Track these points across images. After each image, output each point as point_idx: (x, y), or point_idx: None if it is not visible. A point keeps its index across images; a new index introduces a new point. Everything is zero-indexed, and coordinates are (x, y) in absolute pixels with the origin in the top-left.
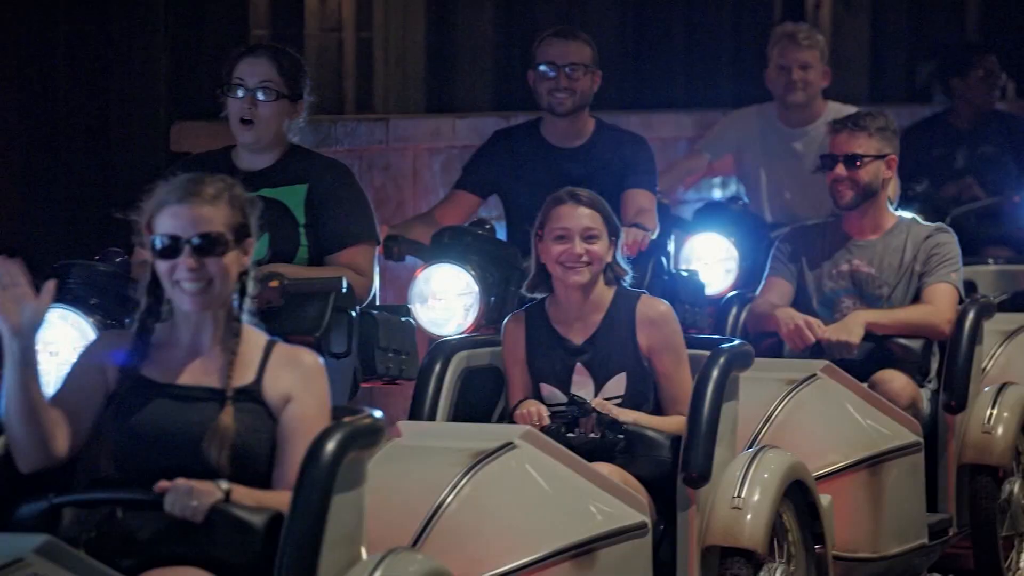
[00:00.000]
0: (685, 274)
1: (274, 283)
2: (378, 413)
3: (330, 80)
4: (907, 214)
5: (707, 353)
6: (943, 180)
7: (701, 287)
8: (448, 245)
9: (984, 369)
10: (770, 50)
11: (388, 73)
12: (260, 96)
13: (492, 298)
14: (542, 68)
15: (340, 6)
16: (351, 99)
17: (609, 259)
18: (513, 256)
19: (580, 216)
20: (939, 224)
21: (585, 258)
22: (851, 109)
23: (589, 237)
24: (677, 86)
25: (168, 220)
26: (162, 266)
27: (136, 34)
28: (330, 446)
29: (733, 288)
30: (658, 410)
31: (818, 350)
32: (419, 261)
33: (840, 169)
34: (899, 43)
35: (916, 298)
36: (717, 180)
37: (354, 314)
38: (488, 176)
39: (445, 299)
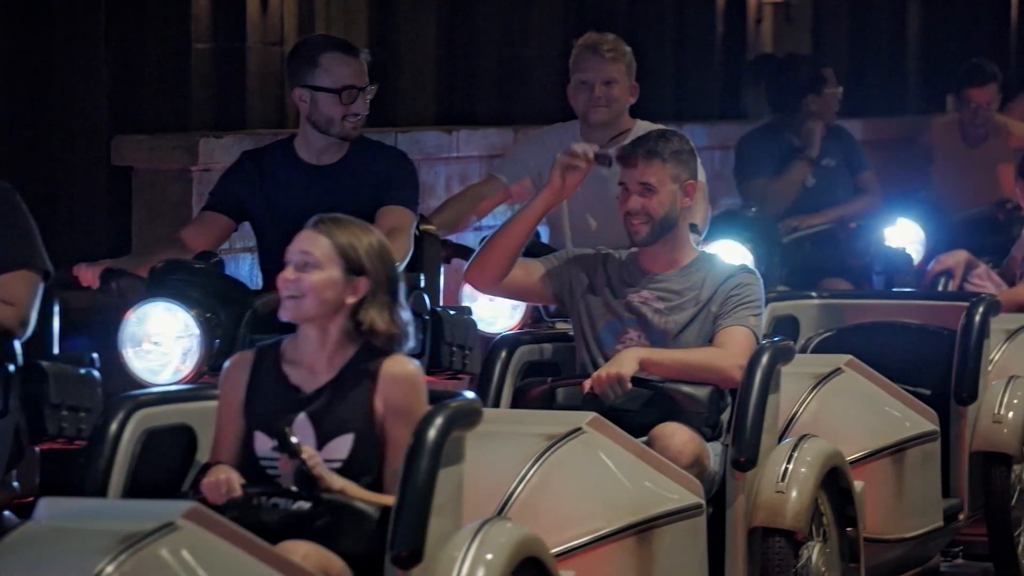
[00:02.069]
0: (452, 312)
1: None
2: None
3: (272, 94)
4: (711, 249)
5: None
6: (797, 199)
7: (471, 326)
8: (165, 281)
9: (791, 419)
10: (571, 63)
11: None
12: None
13: (217, 341)
14: (350, 94)
15: (282, 20)
16: (292, 112)
17: (348, 300)
18: (243, 294)
19: (304, 240)
20: (743, 264)
21: (292, 289)
22: (662, 127)
23: (305, 265)
24: None
25: None
26: None
27: (77, 47)
28: None
29: (522, 326)
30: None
31: (592, 396)
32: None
33: (635, 201)
34: (840, 57)
35: (711, 343)
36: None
37: (12, 368)
38: (239, 197)
39: (162, 343)
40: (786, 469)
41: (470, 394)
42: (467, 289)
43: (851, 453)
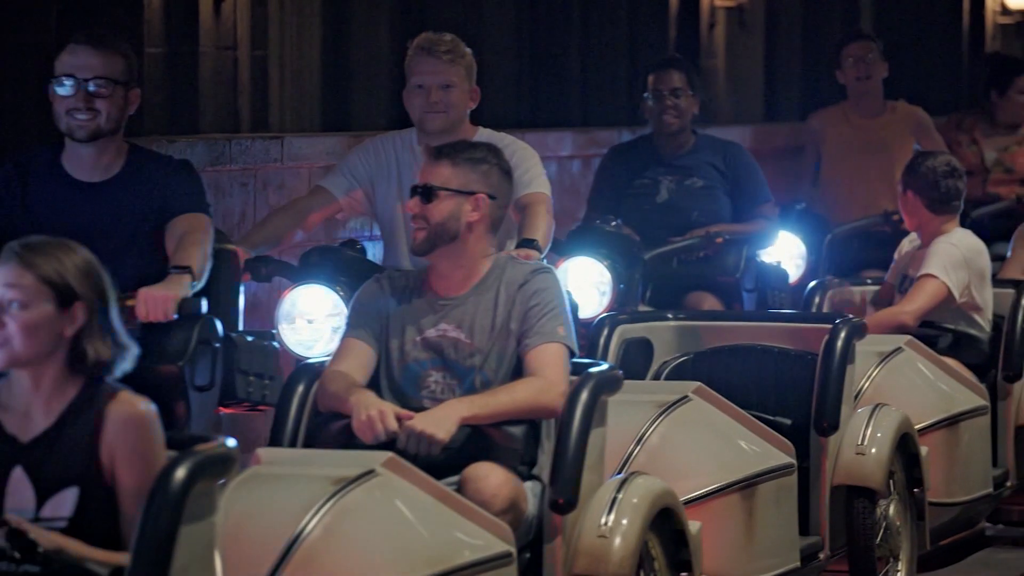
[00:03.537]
0: (250, 338)
1: None
2: None
3: (225, 98)
4: (566, 267)
5: None
6: (646, 214)
7: (271, 352)
8: None
9: (630, 454)
10: (406, 65)
11: (283, 91)
12: None
13: None
14: (63, 83)
15: (235, 24)
16: (246, 117)
17: (66, 332)
18: None
19: (2, 277)
20: (537, 264)
21: None
22: (506, 137)
23: (9, 306)
24: (572, 104)
25: None
26: None
27: (29, 51)
28: None
29: None
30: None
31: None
32: None
33: (414, 203)
34: (793, 63)
35: (518, 365)
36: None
37: None
38: None
39: None
40: (610, 511)
41: (231, 441)
42: (285, 308)
43: (694, 489)
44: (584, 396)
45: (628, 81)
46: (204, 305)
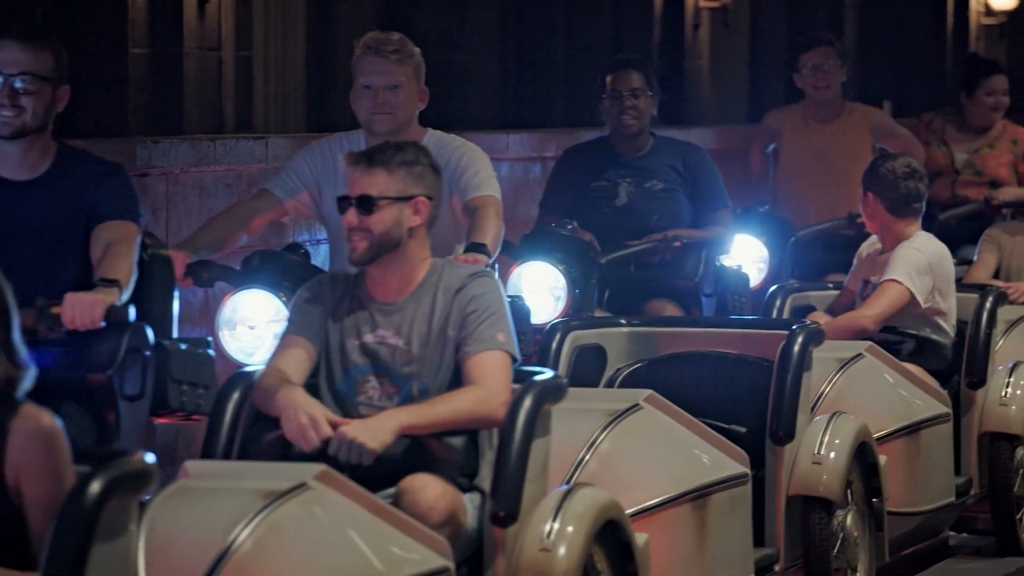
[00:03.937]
0: (184, 346)
1: None
2: None
3: (210, 99)
4: (520, 272)
5: None
6: (604, 217)
7: (206, 361)
8: None
9: (577, 465)
10: (352, 64)
11: (268, 92)
12: None
13: None
14: None
15: (220, 25)
16: (231, 118)
17: None
18: None
19: None
20: (477, 268)
21: None
22: (455, 139)
23: None
24: (556, 105)
25: None
26: None
27: None
28: None
29: None
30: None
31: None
32: None
33: (351, 215)
34: (777, 63)
35: (457, 373)
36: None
37: None
38: None
39: None
40: (553, 523)
41: (150, 456)
42: (225, 314)
43: (645, 499)
44: (527, 405)
45: None
46: (133, 312)
